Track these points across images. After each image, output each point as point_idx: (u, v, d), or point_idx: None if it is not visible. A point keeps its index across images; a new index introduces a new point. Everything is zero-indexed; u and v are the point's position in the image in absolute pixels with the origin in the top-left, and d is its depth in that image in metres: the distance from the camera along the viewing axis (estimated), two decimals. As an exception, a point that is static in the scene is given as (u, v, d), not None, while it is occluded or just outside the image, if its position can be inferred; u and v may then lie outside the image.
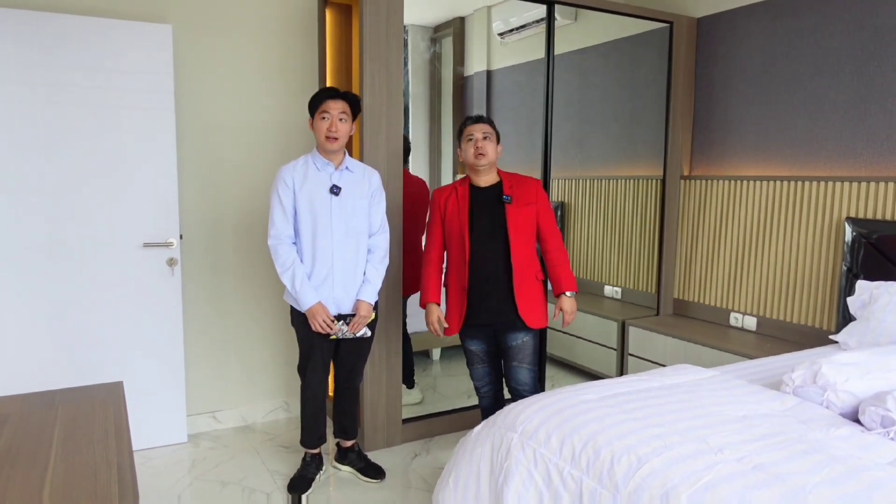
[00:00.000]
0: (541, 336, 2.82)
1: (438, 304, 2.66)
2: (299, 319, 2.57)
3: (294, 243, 2.52)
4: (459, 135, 2.59)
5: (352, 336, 2.56)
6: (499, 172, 2.63)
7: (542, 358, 2.79)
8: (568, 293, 2.58)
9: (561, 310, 2.58)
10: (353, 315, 2.55)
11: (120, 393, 1.67)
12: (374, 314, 2.61)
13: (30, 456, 1.28)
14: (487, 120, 2.60)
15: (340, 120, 2.47)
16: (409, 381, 3.50)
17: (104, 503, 1.10)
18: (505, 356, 2.64)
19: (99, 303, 2.87)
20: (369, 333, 2.62)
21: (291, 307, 2.59)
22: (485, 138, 2.53)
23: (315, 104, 2.51)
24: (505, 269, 2.54)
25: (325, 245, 2.50)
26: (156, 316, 2.97)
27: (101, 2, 2.82)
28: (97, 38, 2.74)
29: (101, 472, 1.22)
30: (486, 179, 2.59)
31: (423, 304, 2.65)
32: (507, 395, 2.79)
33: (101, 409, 1.55)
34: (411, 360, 3.50)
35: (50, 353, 2.81)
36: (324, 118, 2.47)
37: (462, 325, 2.61)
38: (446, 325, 2.63)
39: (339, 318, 2.53)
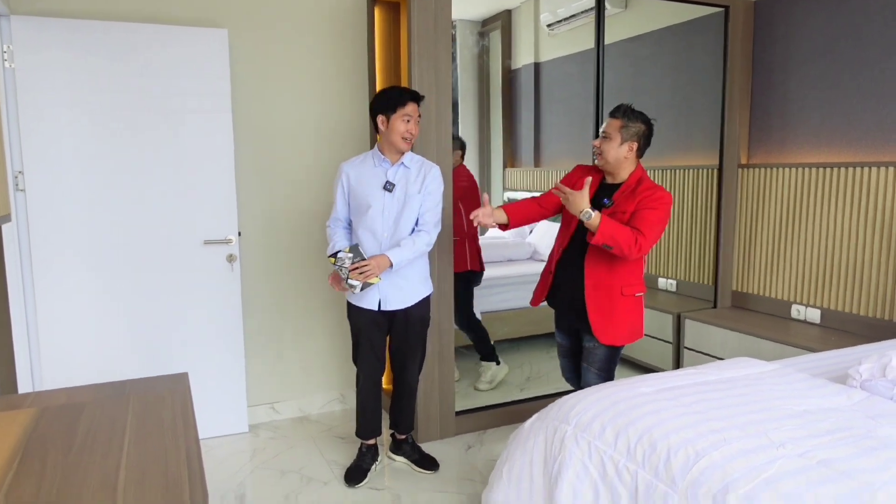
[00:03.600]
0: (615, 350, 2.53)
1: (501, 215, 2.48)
2: (352, 312, 2.65)
3: (347, 227, 2.63)
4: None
5: (345, 277, 2.45)
6: (634, 174, 2.44)
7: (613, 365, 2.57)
8: (594, 213, 2.22)
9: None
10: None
11: (185, 384, 1.74)
12: (378, 278, 2.47)
13: (105, 442, 1.35)
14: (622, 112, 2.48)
15: (416, 123, 2.52)
16: (493, 357, 3.59)
17: (175, 488, 1.15)
18: (582, 354, 2.64)
19: (164, 298, 2.99)
20: (358, 289, 2.48)
21: (348, 301, 2.66)
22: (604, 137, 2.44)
23: (396, 104, 2.47)
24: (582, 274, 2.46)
25: (373, 240, 2.54)
26: (217, 310, 3.08)
27: (160, 10, 2.94)
28: (159, 45, 2.85)
29: (171, 458, 1.28)
30: (616, 177, 2.46)
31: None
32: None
33: (169, 399, 1.62)
34: (487, 336, 3.56)
35: (119, 345, 2.95)
36: (407, 120, 2.47)
37: (542, 300, 2.61)
38: (491, 214, 2.40)
39: (354, 251, 2.43)
